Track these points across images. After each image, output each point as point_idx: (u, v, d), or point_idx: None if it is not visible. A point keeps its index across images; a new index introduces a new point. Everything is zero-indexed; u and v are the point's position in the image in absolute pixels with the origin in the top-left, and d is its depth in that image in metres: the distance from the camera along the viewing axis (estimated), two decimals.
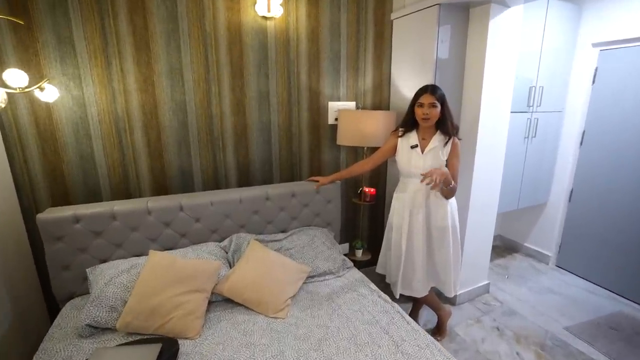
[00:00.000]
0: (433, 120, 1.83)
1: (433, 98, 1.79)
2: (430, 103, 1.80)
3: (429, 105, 1.80)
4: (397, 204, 2.02)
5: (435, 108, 1.80)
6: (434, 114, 1.81)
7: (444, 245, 1.93)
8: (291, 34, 2.18)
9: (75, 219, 1.67)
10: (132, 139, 1.94)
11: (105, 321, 1.44)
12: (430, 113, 1.81)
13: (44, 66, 1.71)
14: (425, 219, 1.90)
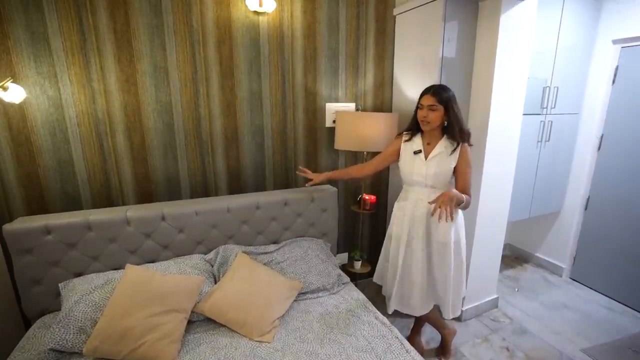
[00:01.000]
0: (433, 124, 1.67)
1: (433, 100, 1.63)
2: (429, 106, 1.64)
3: (428, 108, 1.65)
4: (397, 213, 1.86)
5: (435, 112, 1.64)
6: (433, 118, 1.65)
7: (444, 263, 1.75)
8: (285, 31, 2.04)
9: (47, 229, 1.54)
10: (113, 143, 1.81)
11: (72, 345, 1.31)
12: (429, 117, 1.65)
13: (16, 64, 1.59)
14: (426, 232, 1.74)
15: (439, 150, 1.71)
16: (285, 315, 1.61)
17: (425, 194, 1.76)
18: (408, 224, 1.78)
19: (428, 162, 1.72)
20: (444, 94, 1.64)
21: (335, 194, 2.19)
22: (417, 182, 1.78)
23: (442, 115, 1.65)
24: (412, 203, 1.78)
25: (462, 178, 1.70)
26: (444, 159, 1.70)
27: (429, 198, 1.72)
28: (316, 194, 2.10)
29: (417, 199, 1.77)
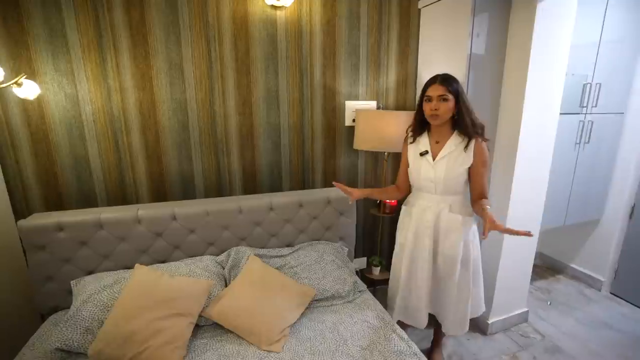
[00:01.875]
0: (443, 118, 1.50)
1: (443, 89, 1.47)
2: (440, 96, 1.47)
3: (438, 98, 1.47)
4: (404, 218, 1.74)
5: (447, 102, 1.47)
6: (445, 110, 1.48)
7: (450, 278, 1.61)
8: (304, 26, 1.96)
9: (59, 226, 1.54)
10: (128, 141, 1.80)
11: (78, 345, 1.29)
12: (440, 108, 1.47)
13: (35, 61, 1.59)
14: (432, 243, 1.60)
15: (449, 149, 1.53)
16: (297, 324, 1.52)
17: (434, 201, 1.60)
18: (413, 231, 1.65)
19: (436, 164, 1.56)
20: (453, 82, 1.48)
21: None
22: (426, 187, 1.62)
23: (453, 106, 1.48)
24: (419, 210, 1.65)
25: (477, 180, 1.53)
26: (455, 159, 1.52)
27: (438, 206, 1.58)
28: (333, 196, 2.01)
29: (425, 206, 1.63)
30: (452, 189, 1.57)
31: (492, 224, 1.30)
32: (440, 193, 1.59)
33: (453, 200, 1.59)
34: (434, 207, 1.59)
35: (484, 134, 1.52)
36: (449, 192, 1.58)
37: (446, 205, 1.58)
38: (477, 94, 1.91)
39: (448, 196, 1.59)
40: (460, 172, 1.52)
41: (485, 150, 1.51)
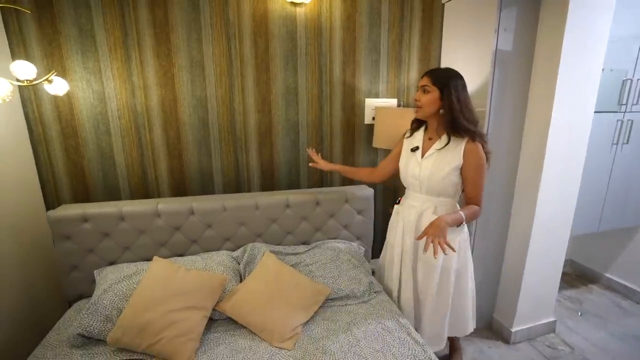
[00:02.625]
0: (426, 110, 1.44)
1: (426, 80, 1.42)
2: (422, 86, 1.43)
3: (421, 88, 1.44)
4: (393, 217, 1.71)
5: (429, 94, 1.41)
6: (426, 101, 1.42)
7: (427, 286, 1.55)
8: (324, 22, 1.95)
9: (84, 218, 1.60)
10: (151, 137, 1.85)
11: (98, 332, 1.33)
12: (421, 100, 1.43)
13: (66, 59, 1.67)
14: (413, 247, 1.54)
15: (438, 147, 1.47)
16: (310, 322, 1.51)
17: (419, 200, 1.54)
18: (401, 231, 1.61)
19: (423, 162, 1.50)
20: (442, 74, 1.41)
21: (372, 196, 2.05)
22: (412, 185, 1.57)
23: (436, 99, 1.42)
24: (406, 208, 1.60)
25: (468, 184, 1.45)
26: (442, 158, 1.45)
27: (422, 206, 1.52)
28: (350, 195, 1.98)
29: (410, 205, 1.58)
30: (436, 190, 1.50)
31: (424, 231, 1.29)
32: (425, 193, 1.53)
33: (439, 203, 1.51)
34: (418, 206, 1.54)
35: (480, 137, 1.42)
36: (434, 193, 1.51)
37: (430, 206, 1.52)
38: (503, 91, 1.83)
39: (433, 197, 1.52)
40: (447, 173, 1.44)
41: (479, 153, 1.41)
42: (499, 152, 1.91)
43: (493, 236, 2.06)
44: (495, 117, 1.85)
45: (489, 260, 2.09)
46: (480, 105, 1.85)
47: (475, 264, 2.04)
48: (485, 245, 2.05)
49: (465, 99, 1.41)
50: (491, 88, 1.81)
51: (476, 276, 2.06)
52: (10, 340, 1.50)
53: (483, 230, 2.02)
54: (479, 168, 1.42)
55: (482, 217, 1.99)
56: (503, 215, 2.04)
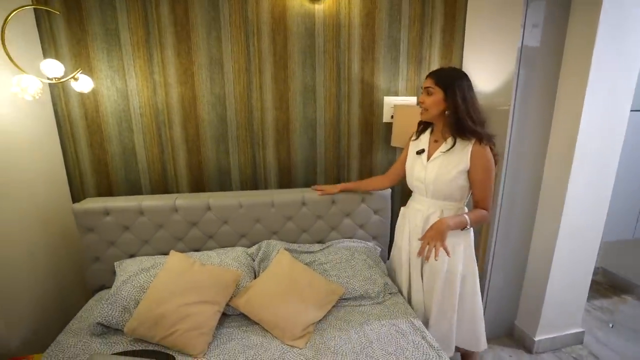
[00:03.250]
0: (431, 113, 1.40)
1: (430, 81, 1.38)
2: (426, 88, 1.39)
3: (424, 90, 1.39)
4: (400, 220, 1.68)
5: (432, 96, 1.37)
6: (430, 103, 1.38)
7: (433, 289, 1.52)
8: (342, 19, 1.92)
9: (106, 211, 1.66)
10: (171, 134, 1.89)
11: (116, 322, 1.37)
12: (425, 102, 1.39)
13: (93, 58, 1.73)
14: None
15: (444, 149, 1.42)
16: (322, 322, 1.49)
17: (425, 204, 1.51)
18: (408, 235, 1.59)
19: (429, 165, 1.46)
20: (445, 74, 1.37)
21: (389, 195, 2.01)
22: (418, 188, 1.54)
23: (440, 101, 1.37)
24: (412, 212, 1.57)
25: (476, 187, 1.40)
26: (448, 161, 1.40)
27: (428, 210, 1.48)
28: (367, 194, 1.95)
29: (416, 209, 1.55)
30: (442, 194, 1.45)
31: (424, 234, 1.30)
32: (431, 196, 1.49)
33: (445, 206, 1.47)
34: (424, 210, 1.50)
35: (487, 139, 1.37)
36: (440, 197, 1.46)
37: (437, 210, 1.47)
38: (528, 89, 1.75)
39: (439, 201, 1.47)
40: (454, 176, 1.39)
41: (487, 156, 1.35)
42: (523, 152, 1.83)
43: (516, 239, 1.97)
44: (520, 116, 1.78)
45: (511, 263, 2.01)
46: (503, 104, 1.78)
47: (496, 267, 1.98)
48: (507, 248, 1.97)
49: (471, 99, 1.36)
50: (515, 86, 1.74)
51: (496, 280, 2.00)
52: (38, 324, 1.57)
53: (505, 233, 1.94)
54: (487, 171, 1.37)
55: (505, 220, 1.91)
56: (527, 218, 1.96)
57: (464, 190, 1.44)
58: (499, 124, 1.81)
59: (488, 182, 1.38)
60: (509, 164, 1.83)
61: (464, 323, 1.56)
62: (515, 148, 1.82)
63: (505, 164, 1.83)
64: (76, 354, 1.28)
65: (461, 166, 1.38)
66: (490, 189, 1.39)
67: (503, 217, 1.91)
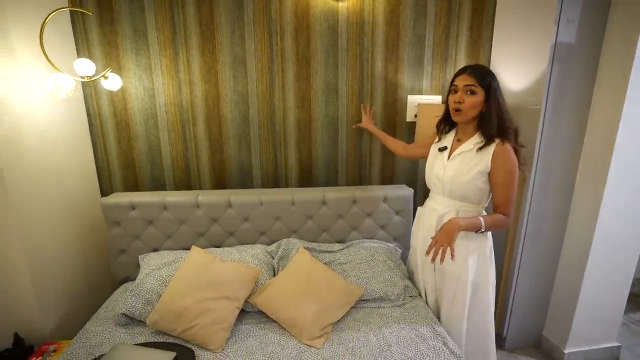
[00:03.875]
0: (468, 114, 1.31)
1: (472, 80, 1.28)
2: (467, 86, 1.28)
3: (465, 89, 1.29)
4: (417, 220, 1.63)
5: (474, 96, 1.28)
6: (470, 104, 1.29)
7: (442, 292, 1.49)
8: (366, 17, 1.90)
9: (132, 205, 1.71)
10: (195, 131, 1.92)
11: (139, 313, 1.41)
12: (465, 102, 1.29)
13: (122, 58, 1.79)
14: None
15: (468, 147, 1.35)
16: (340, 322, 1.47)
17: (441, 203, 1.45)
18: (422, 235, 1.54)
19: (449, 163, 1.40)
20: (487, 75, 1.29)
21: (412, 196, 1.97)
22: (435, 186, 1.49)
23: (481, 102, 1.29)
24: (428, 211, 1.52)
25: (496, 190, 1.32)
26: (468, 161, 1.34)
27: (444, 210, 1.42)
28: (390, 194, 1.91)
29: (432, 208, 1.50)
30: (459, 194, 1.39)
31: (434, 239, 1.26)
32: (448, 196, 1.42)
33: (462, 208, 1.40)
34: (440, 210, 1.44)
35: (513, 137, 1.31)
36: (457, 197, 1.40)
37: (452, 211, 1.41)
38: (561, 88, 1.66)
39: (456, 201, 1.41)
40: (472, 177, 1.33)
41: (511, 157, 1.28)
42: (555, 153, 1.75)
43: (545, 244, 1.88)
44: (552, 116, 1.69)
45: (539, 270, 1.92)
46: (534, 103, 1.70)
47: (523, 273, 1.89)
48: (535, 253, 1.88)
49: (504, 101, 1.32)
50: (548, 85, 1.66)
51: (523, 287, 1.91)
52: (67, 312, 1.64)
53: (533, 237, 1.85)
54: (509, 174, 1.29)
55: (533, 224, 1.83)
56: (557, 223, 1.86)
57: (483, 193, 1.38)
58: (529, 124, 1.73)
59: (509, 185, 1.30)
60: (539, 165, 1.75)
61: (473, 336, 1.48)
62: (546, 149, 1.73)
63: (535, 165, 1.74)
64: (102, 342, 1.32)
65: (480, 167, 1.32)
66: (511, 193, 1.31)
67: (532, 221, 1.82)
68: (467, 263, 1.40)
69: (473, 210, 1.41)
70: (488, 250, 1.44)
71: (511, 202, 1.32)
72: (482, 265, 1.43)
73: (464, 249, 1.39)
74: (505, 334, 2.01)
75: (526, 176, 1.77)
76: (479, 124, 1.35)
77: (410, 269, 1.76)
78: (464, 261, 1.40)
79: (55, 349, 1.42)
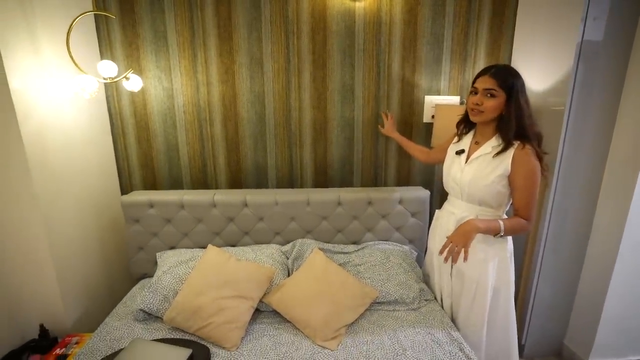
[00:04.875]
0: (487, 116, 1.28)
1: (492, 83, 1.24)
2: (487, 90, 1.25)
3: (484, 92, 1.26)
4: (434, 224, 1.61)
5: (494, 99, 1.25)
6: (490, 107, 1.25)
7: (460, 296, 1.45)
8: (383, 17, 1.88)
9: (150, 204, 1.74)
10: (211, 131, 1.95)
11: (156, 309, 1.44)
12: (484, 104, 1.26)
13: (142, 59, 1.83)
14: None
15: (486, 151, 1.32)
16: (354, 324, 1.47)
17: (459, 207, 1.42)
18: (440, 239, 1.49)
19: (466, 167, 1.37)
20: (509, 77, 1.25)
21: (428, 198, 1.94)
22: (453, 190, 1.46)
23: (501, 105, 1.25)
24: (446, 214, 1.49)
25: (516, 194, 1.29)
26: (487, 165, 1.31)
27: (462, 213, 1.39)
28: (405, 196, 1.89)
29: (450, 212, 1.47)
30: (477, 198, 1.35)
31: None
32: (466, 200, 1.40)
33: (480, 212, 1.37)
34: (458, 214, 1.41)
35: (534, 141, 1.26)
36: (475, 201, 1.37)
37: (470, 215, 1.37)
38: (587, 88, 1.61)
39: (474, 205, 1.38)
40: (491, 181, 1.29)
41: (531, 161, 1.24)
42: (579, 156, 1.69)
43: (568, 249, 1.82)
44: (577, 117, 1.64)
45: (561, 275, 1.85)
46: (557, 104, 1.65)
47: (544, 279, 1.84)
48: (557, 258, 1.82)
49: (527, 101, 1.28)
50: (572, 84, 1.60)
51: (544, 293, 1.86)
52: (88, 307, 1.69)
53: (555, 242, 1.79)
54: (530, 177, 1.25)
55: (555, 227, 1.77)
56: (581, 227, 1.80)
57: (502, 197, 1.34)
58: (551, 125, 1.67)
59: (530, 189, 1.26)
60: (562, 168, 1.69)
61: (494, 340, 1.45)
62: (569, 152, 1.68)
63: (558, 168, 1.69)
64: (121, 336, 1.36)
65: (500, 171, 1.28)
66: (532, 196, 1.27)
67: (553, 225, 1.76)
68: (487, 267, 1.37)
69: (492, 215, 1.37)
70: (508, 254, 1.40)
71: (532, 206, 1.28)
72: (503, 270, 1.39)
73: (483, 252, 1.36)
74: (524, 341, 1.95)
75: (548, 179, 1.71)
76: (497, 126, 1.32)
77: (426, 272, 1.73)
78: (483, 265, 1.37)
79: (77, 341, 1.46)
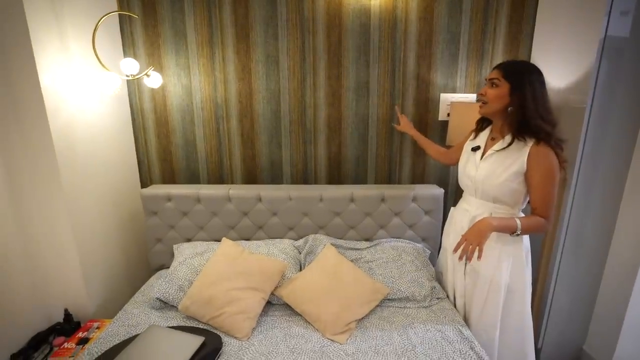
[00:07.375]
0: (492, 107, 1.29)
1: (497, 73, 1.27)
2: (490, 79, 1.27)
3: (489, 82, 1.28)
4: (448, 221, 1.60)
5: (497, 88, 1.25)
6: (492, 96, 1.27)
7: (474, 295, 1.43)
8: (399, 14, 1.88)
9: (168, 197, 1.80)
10: (228, 127, 2.00)
11: (172, 299, 1.49)
12: (487, 94, 1.28)
13: (163, 57, 1.89)
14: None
15: (500, 147, 1.30)
16: (365, 320, 1.47)
17: (474, 205, 1.40)
18: (454, 236, 1.49)
19: (481, 163, 1.35)
20: (516, 68, 1.24)
21: (442, 196, 1.92)
22: (467, 187, 1.44)
23: (504, 95, 1.24)
24: (460, 212, 1.47)
25: (533, 192, 1.26)
26: (502, 161, 1.29)
27: (476, 211, 1.37)
28: (418, 193, 1.88)
29: (464, 209, 1.45)
30: (492, 195, 1.33)
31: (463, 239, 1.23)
32: (480, 197, 1.38)
33: (495, 210, 1.34)
34: (472, 211, 1.39)
35: (550, 138, 1.22)
36: (489, 198, 1.35)
37: (485, 213, 1.35)
38: (611, 85, 1.55)
39: (489, 203, 1.36)
40: (505, 178, 1.27)
41: (549, 158, 1.21)
42: (601, 156, 1.63)
43: (588, 250, 1.76)
44: (599, 115, 1.58)
45: (581, 278, 1.80)
46: (578, 102, 1.60)
47: (562, 282, 1.79)
48: (576, 259, 1.76)
49: (543, 97, 1.24)
50: (595, 81, 1.55)
51: (561, 296, 1.81)
52: (109, 294, 1.76)
53: (575, 243, 1.74)
54: (547, 175, 1.23)
55: (575, 228, 1.72)
56: (603, 228, 1.73)
57: (518, 195, 1.32)
58: (572, 124, 1.63)
59: (548, 187, 1.24)
60: (582, 166, 1.65)
61: (508, 343, 1.42)
62: (591, 151, 1.62)
63: (578, 166, 1.64)
64: (138, 323, 1.41)
65: (514, 168, 1.26)
66: (550, 195, 1.25)
67: (573, 225, 1.71)
68: (501, 266, 1.35)
69: (507, 213, 1.35)
70: (524, 252, 1.38)
71: (550, 205, 1.26)
72: (518, 269, 1.37)
73: (498, 251, 1.34)
74: (540, 345, 1.90)
75: (567, 177, 1.67)
76: (506, 120, 1.32)
77: (440, 270, 1.72)
78: (497, 264, 1.35)
79: (98, 326, 1.53)
